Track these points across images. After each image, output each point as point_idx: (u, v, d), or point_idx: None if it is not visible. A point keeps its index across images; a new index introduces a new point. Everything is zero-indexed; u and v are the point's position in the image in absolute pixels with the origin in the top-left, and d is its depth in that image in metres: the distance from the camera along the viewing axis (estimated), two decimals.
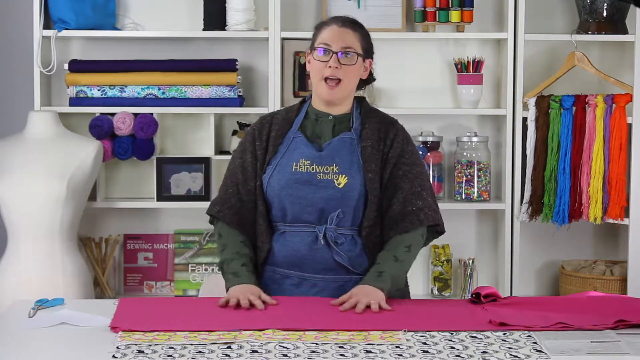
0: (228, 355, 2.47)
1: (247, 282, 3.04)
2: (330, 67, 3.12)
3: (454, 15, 4.53)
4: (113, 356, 2.46)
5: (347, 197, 3.11)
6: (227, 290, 3.05)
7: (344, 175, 3.12)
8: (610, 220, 4.44)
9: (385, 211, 3.16)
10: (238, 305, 2.91)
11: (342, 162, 3.13)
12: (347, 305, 2.89)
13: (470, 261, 4.64)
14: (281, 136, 3.19)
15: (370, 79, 3.30)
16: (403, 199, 3.14)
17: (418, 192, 3.16)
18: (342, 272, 3.13)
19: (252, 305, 2.90)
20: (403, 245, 3.12)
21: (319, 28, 3.22)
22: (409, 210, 3.13)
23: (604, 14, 4.49)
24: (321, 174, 3.12)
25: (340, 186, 3.12)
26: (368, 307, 2.88)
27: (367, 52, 3.23)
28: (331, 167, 3.13)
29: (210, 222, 3.28)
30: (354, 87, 3.22)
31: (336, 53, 3.13)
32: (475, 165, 4.55)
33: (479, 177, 4.56)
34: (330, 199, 3.11)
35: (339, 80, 3.14)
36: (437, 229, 3.22)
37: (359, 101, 3.27)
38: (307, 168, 3.13)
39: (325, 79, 3.14)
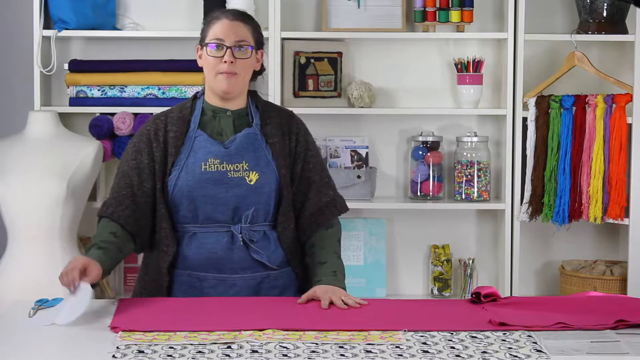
0: (228, 355, 2.47)
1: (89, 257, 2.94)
2: (225, 62, 3.10)
3: (454, 15, 4.53)
4: (113, 356, 2.46)
5: (259, 194, 3.11)
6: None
7: (254, 172, 3.11)
8: (610, 220, 4.44)
9: (302, 205, 3.18)
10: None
11: (250, 159, 3.12)
12: (325, 303, 2.90)
13: (470, 261, 4.64)
14: (180, 137, 3.14)
15: (261, 69, 3.28)
16: (317, 191, 3.19)
17: (327, 182, 3.22)
18: (260, 269, 3.12)
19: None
20: (336, 240, 3.20)
21: (208, 23, 3.18)
22: (325, 202, 3.19)
23: (604, 14, 4.49)
24: (232, 172, 3.10)
25: (252, 183, 3.11)
26: (331, 303, 2.91)
27: (259, 43, 3.21)
28: (241, 165, 3.11)
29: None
30: (248, 80, 3.20)
31: (230, 48, 3.11)
32: (475, 165, 4.55)
33: (479, 177, 4.56)
34: (243, 197, 3.09)
35: (234, 74, 3.11)
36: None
37: (252, 95, 3.25)
38: (217, 167, 3.10)
39: (221, 73, 3.11)
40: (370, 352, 2.50)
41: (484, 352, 2.51)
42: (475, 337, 2.63)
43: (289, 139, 3.19)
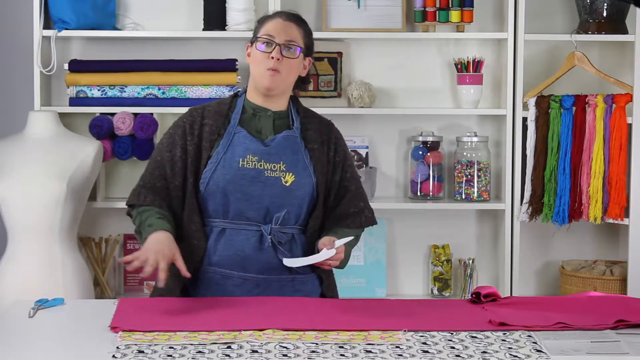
0: (228, 355, 2.47)
1: (162, 229, 2.98)
2: (272, 58, 3.09)
3: (454, 15, 4.53)
4: (113, 356, 2.47)
5: (293, 196, 3.10)
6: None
7: (290, 174, 3.11)
8: (610, 220, 4.44)
9: (332, 210, 3.19)
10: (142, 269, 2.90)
11: (288, 160, 3.12)
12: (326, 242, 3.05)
13: (470, 261, 4.64)
14: (216, 131, 3.14)
15: (306, 79, 3.26)
16: (350, 200, 3.20)
17: (360, 193, 3.24)
18: (286, 272, 3.10)
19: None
20: (356, 236, 3.21)
21: (262, 21, 3.19)
22: (352, 212, 3.20)
23: (604, 14, 4.49)
24: (269, 171, 3.09)
25: (287, 184, 3.10)
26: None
27: (308, 49, 3.21)
28: (278, 165, 3.10)
29: (128, 213, 3.19)
30: (293, 82, 3.19)
31: (279, 45, 3.10)
32: (475, 165, 4.55)
33: (479, 177, 4.56)
34: (276, 197, 3.09)
35: (278, 72, 3.10)
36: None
37: (294, 100, 3.25)
38: (255, 164, 3.09)
39: (267, 69, 3.10)
40: (370, 352, 2.50)
41: (484, 352, 2.51)
42: (475, 337, 2.63)
43: (327, 148, 3.19)
